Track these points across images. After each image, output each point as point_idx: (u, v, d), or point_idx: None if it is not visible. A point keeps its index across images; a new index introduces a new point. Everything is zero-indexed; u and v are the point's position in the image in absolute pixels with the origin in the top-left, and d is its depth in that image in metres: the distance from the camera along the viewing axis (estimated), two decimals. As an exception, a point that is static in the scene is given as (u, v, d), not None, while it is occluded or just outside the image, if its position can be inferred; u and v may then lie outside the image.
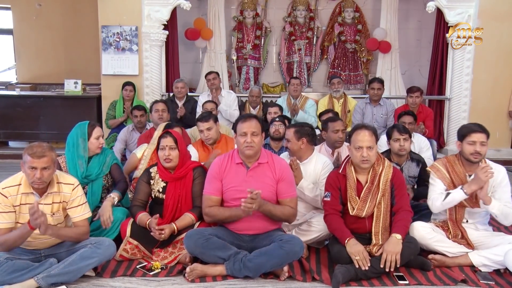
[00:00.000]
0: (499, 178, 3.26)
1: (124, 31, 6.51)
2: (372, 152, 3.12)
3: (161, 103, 5.04)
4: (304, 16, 7.81)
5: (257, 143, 3.11)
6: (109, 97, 6.53)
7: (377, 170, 3.18)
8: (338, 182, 3.22)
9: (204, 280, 3.00)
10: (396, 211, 3.17)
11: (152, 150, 4.12)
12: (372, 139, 3.13)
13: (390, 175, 3.18)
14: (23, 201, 2.82)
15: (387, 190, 3.16)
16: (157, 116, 4.87)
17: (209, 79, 6.15)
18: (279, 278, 3.03)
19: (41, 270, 2.80)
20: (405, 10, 7.65)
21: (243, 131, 3.11)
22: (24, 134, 7.01)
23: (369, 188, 3.16)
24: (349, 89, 7.58)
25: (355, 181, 3.19)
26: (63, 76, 7.41)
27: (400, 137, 3.86)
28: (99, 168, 3.61)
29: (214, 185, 3.19)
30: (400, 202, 3.18)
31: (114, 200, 3.45)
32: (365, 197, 3.15)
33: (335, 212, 3.20)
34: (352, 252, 3.01)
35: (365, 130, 3.14)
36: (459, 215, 3.33)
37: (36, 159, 2.71)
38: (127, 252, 3.26)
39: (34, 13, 7.97)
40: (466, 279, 3.03)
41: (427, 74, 7.17)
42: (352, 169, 3.22)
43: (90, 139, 3.57)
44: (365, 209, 3.13)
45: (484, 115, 6.30)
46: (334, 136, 4.13)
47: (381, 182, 3.16)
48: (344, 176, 3.22)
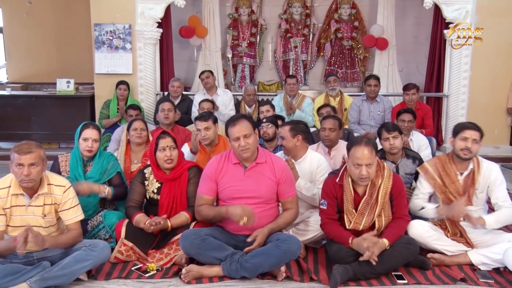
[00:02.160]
0: (492, 176, 3.26)
1: (117, 29, 6.43)
2: (371, 169, 2.99)
3: (167, 103, 4.90)
4: (300, 13, 7.75)
5: (252, 143, 3.06)
6: (102, 96, 6.45)
7: (375, 183, 3.07)
8: (335, 191, 3.12)
9: (201, 281, 2.96)
10: (393, 218, 3.12)
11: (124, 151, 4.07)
12: (372, 155, 2.98)
13: (390, 187, 3.07)
14: (14, 203, 2.77)
15: (387, 202, 3.07)
16: (163, 115, 4.77)
17: (203, 78, 6.12)
18: (277, 279, 2.98)
19: (34, 274, 2.74)
20: (402, 7, 7.60)
21: (235, 136, 3.06)
22: (15, 134, 6.85)
23: (367, 201, 3.06)
24: (346, 87, 7.52)
25: (352, 194, 3.08)
26: (54, 75, 7.31)
27: (389, 136, 3.80)
28: (100, 174, 3.53)
29: (207, 185, 3.16)
30: (398, 211, 3.12)
31: (104, 190, 3.39)
32: (362, 211, 3.06)
33: (331, 221, 3.13)
34: (362, 247, 2.93)
35: (364, 147, 2.97)
36: None
37: (22, 155, 2.68)
38: (122, 254, 3.19)
39: (24, 11, 7.85)
40: (466, 278, 3.01)
41: (424, 71, 7.13)
42: (349, 181, 3.09)
43: (79, 139, 3.50)
44: (362, 223, 3.05)
45: (483, 112, 6.29)
46: (320, 133, 4.13)
47: (379, 195, 3.05)
48: (340, 186, 3.12)
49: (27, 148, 2.70)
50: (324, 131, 4.09)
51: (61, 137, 6.87)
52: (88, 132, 3.48)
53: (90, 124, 3.57)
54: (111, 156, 3.67)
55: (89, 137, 3.47)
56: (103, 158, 3.59)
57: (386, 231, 3.06)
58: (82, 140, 3.48)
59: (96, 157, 3.55)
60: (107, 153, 3.73)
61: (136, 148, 4.11)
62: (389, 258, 2.97)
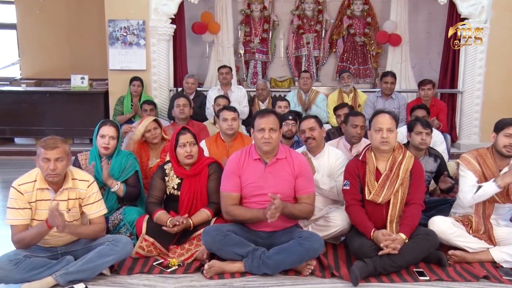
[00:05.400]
0: None
1: (131, 25, 6.43)
2: (392, 134, 3.10)
3: (183, 98, 4.93)
4: (312, 9, 7.70)
5: (275, 139, 3.07)
6: (116, 92, 6.46)
7: (396, 158, 3.14)
8: (357, 169, 3.18)
9: (223, 277, 2.96)
10: (408, 202, 3.12)
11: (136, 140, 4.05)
12: (393, 122, 3.13)
13: (411, 165, 3.13)
14: (39, 197, 2.80)
15: (406, 179, 3.11)
16: (179, 111, 4.81)
17: (222, 72, 6.13)
18: (302, 274, 2.99)
19: (59, 268, 2.78)
20: (415, 2, 7.53)
21: (261, 126, 3.06)
22: (30, 130, 6.94)
23: (388, 175, 3.11)
24: (358, 83, 7.48)
25: (374, 167, 3.15)
26: (67, 72, 7.34)
27: (423, 131, 3.80)
28: (118, 173, 3.54)
29: (233, 182, 3.13)
30: (414, 194, 3.12)
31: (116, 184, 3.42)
32: (383, 183, 3.10)
33: (356, 203, 3.16)
34: (380, 239, 2.96)
35: (386, 114, 3.16)
36: (488, 210, 3.25)
37: (49, 150, 2.71)
38: (143, 249, 3.21)
39: (37, 7, 7.85)
40: (488, 276, 2.98)
41: (437, 67, 7.09)
42: (372, 155, 3.18)
43: (97, 136, 3.51)
44: (382, 195, 3.08)
45: (497, 109, 6.22)
46: (352, 130, 4.06)
47: (401, 170, 3.11)
48: (363, 162, 3.18)
49: (53, 143, 2.73)
50: (356, 128, 4.04)
51: (75, 133, 6.86)
52: (105, 129, 3.49)
53: (108, 122, 3.59)
54: (130, 155, 3.67)
55: (106, 134, 3.47)
56: (122, 156, 3.59)
57: (402, 222, 3.07)
58: (100, 137, 3.49)
59: (115, 155, 3.55)
60: (126, 151, 3.72)
61: (153, 145, 4.11)
62: (409, 251, 2.97)
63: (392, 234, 2.99)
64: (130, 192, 3.53)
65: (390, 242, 2.93)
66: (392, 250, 2.92)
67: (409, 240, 3.00)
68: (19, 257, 2.72)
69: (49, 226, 2.70)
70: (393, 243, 2.92)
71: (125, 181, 3.56)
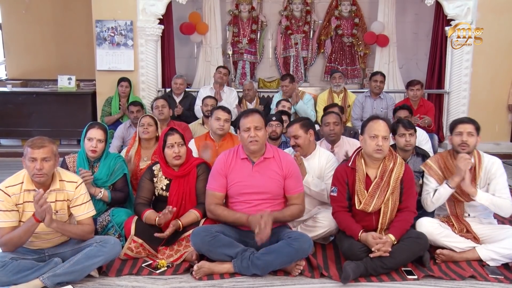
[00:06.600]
0: (493, 169, 3.26)
1: (118, 26, 6.40)
2: (386, 143, 3.07)
3: (161, 100, 5.01)
4: (301, 9, 7.73)
5: (261, 137, 3.09)
6: (104, 93, 6.42)
7: (387, 165, 3.12)
8: (346, 176, 3.16)
9: (212, 278, 2.96)
10: (401, 209, 3.13)
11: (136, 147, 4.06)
12: (387, 130, 3.09)
13: (402, 173, 3.11)
14: (26, 199, 2.76)
15: (397, 187, 3.10)
16: (158, 112, 4.86)
17: (221, 71, 6.17)
18: (291, 274, 2.99)
19: (46, 270, 2.75)
20: (402, 3, 7.59)
21: (246, 126, 3.09)
22: (16, 131, 6.86)
23: (378, 184, 3.10)
24: (346, 83, 7.47)
25: (364, 175, 3.13)
26: (54, 72, 7.27)
27: (406, 132, 3.81)
28: (107, 176, 3.51)
29: (218, 181, 3.16)
30: (406, 202, 3.13)
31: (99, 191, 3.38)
32: (373, 192, 3.09)
33: (342, 209, 3.16)
34: (370, 242, 2.98)
35: (381, 121, 3.11)
36: (459, 210, 3.34)
37: (35, 149, 2.69)
38: (132, 250, 3.19)
39: (23, 7, 7.78)
40: (475, 275, 3.00)
41: (424, 68, 7.15)
42: (362, 162, 3.16)
43: (84, 139, 3.48)
44: (372, 204, 3.08)
45: (484, 109, 6.31)
46: (325, 129, 4.16)
47: (391, 179, 3.09)
48: (352, 169, 3.16)
49: (40, 142, 2.71)
50: (329, 126, 4.13)
51: (62, 134, 6.79)
52: (93, 132, 3.45)
53: (96, 124, 3.54)
54: (119, 157, 3.64)
55: (93, 137, 3.43)
56: (110, 159, 3.56)
57: (393, 225, 3.08)
58: (87, 140, 3.45)
59: (103, 158, 3.52)
60: (114, 154, 3.69)
61: (146, 145, 4.09)
62: (399, 253, 2.99)
63: (382, 237, 3.01)
64: (115, 198, 3.50)
65: (381, 246, 2.95)
66: (383, 253, 2.94)
67: (400, 242, 3.01)
68: (6, 260, 2.68)
69: (36, 219, 2.65)
70: (384, 246, 2.94)
71: (114, 184, 3.53)
